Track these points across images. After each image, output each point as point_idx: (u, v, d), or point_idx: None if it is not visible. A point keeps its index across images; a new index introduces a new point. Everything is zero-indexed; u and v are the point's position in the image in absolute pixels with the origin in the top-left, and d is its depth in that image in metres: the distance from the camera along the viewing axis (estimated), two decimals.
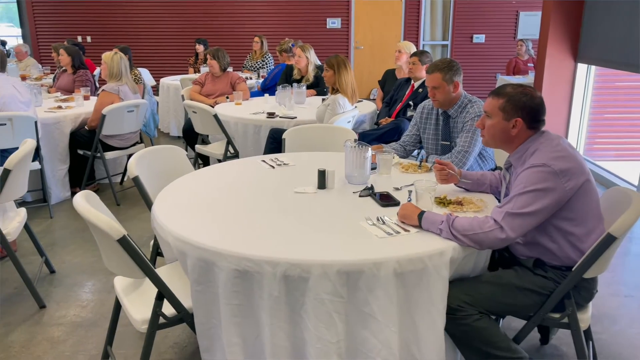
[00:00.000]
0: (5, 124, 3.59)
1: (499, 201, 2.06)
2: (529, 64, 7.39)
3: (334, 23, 9.12)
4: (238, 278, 1.64)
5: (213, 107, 4.25)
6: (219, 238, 1.73)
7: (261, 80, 6.25)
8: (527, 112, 1.84)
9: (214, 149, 4.27)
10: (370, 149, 2.26)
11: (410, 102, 4.14)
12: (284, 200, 2.12)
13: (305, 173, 2.46)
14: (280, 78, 5.31)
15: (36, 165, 3.83)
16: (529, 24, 8.84)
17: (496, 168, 2.79)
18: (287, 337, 1.66)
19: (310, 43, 5.50)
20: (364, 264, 1.59)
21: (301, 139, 3.17)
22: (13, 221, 2.73)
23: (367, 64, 9.29)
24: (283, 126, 3.86)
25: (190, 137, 4.70)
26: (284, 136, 3.12)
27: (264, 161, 2.69)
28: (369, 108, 4.45)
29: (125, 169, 4.80)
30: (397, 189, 2.23)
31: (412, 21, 9.15)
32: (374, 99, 7.52)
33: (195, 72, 7.35)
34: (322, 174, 2.24)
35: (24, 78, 6.55)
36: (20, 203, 3.87)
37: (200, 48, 7.50)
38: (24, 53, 7.80)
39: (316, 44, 6.08)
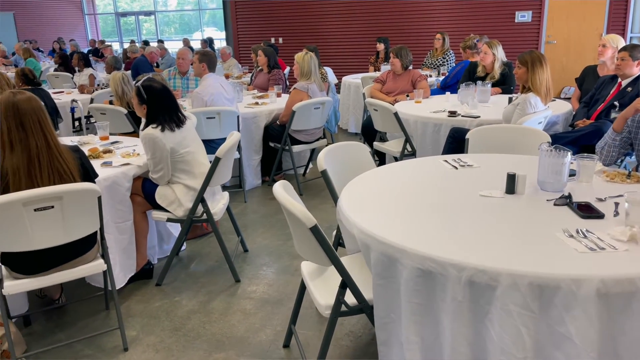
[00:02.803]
0: (214, 118, 4.11)
1: None
2: None
3: (523, 17, 8.51)
4: (421, 277, 1.64)
5: (393, 104, 4.30)
6: (403, 235, 1.75)
7: (441, 78, 6.13)
8: None
9: (392, 146, 4.32)
10: (569, 153, 2.06)
11: (616, 103, 3.67)
12: (469, 203, 2.05)
13: (491, 176, 2.35)
14: (463, 75, 5.15)
15: (236, 154, 4.31)
16: None
17: None
18: (468, 344, 1.61)
19: (496, 38, 5.22)
20: (561, 279, 1.46)
21: (486, 140, 3.03)
22: (219, 203, 3.13)
23: (559, 60, 8.48)
24: (465, 125, 3.74)
25: (368, 134, 4.83)
26: (467, 136, 3.02)
27: (446, 161, 2.64)
28: (563, 108, 4.07)
29: (309, 162, 5.13)
30: (600, 199, 2.00)
31: (619, 10, 8.08)
32: (567, 98, 6.84)
33: (375, 70, 7.52)
34: (511, 178, 2.11)
35: (226, 77, 7.40)
36: (223, 188, 4.39)
37: (380, 47, 7.64)
38: (227, 54, 8.82)
39: (503, 39, 5.75)
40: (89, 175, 2.42)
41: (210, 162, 2.96)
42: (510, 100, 3.91)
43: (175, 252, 3.11)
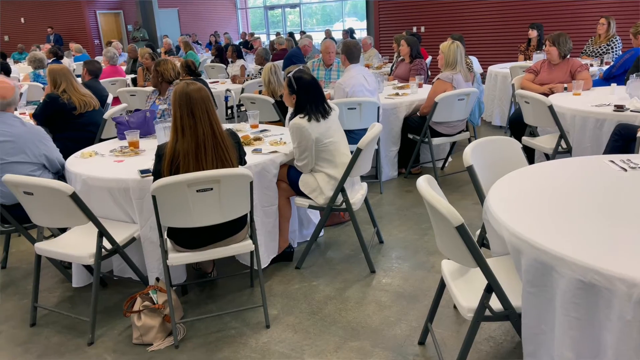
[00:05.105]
0: (355, 108, 4.15)
1: None
2: None
3: None
4: (581, 290, 1.49)
5: (547, 96, 3.96)
6: (562, 241, 1.60)
7: (605, 67, 5.50)
8: None
9: (543, 142, 3.99)
10: None
11: None
12: None
13: None
14: (633, 65, 4.55)
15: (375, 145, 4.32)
16: None
17: None
18: None
19: None
20: None
21: None
22: (358, 193, 3.17)
23: None
24: (634, 122, 3.32)
25: (516, 127, 4.52)
26: (639, 134, 2.67)
27: (612, 161, 2.36)
28: None
29: (448, 155, 4.97)
30: None
31: None
32: None
33: (525, 59, 7.01)
34: None
35: (367, 67, 7.43)
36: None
37: (533, 33, 7.08)
38: (368, 45, 8.84)
39: None
40: (243, 160, 2.62)
41: (351, 152, 3.00)
42: None
43: (315, 237, 3.21)
